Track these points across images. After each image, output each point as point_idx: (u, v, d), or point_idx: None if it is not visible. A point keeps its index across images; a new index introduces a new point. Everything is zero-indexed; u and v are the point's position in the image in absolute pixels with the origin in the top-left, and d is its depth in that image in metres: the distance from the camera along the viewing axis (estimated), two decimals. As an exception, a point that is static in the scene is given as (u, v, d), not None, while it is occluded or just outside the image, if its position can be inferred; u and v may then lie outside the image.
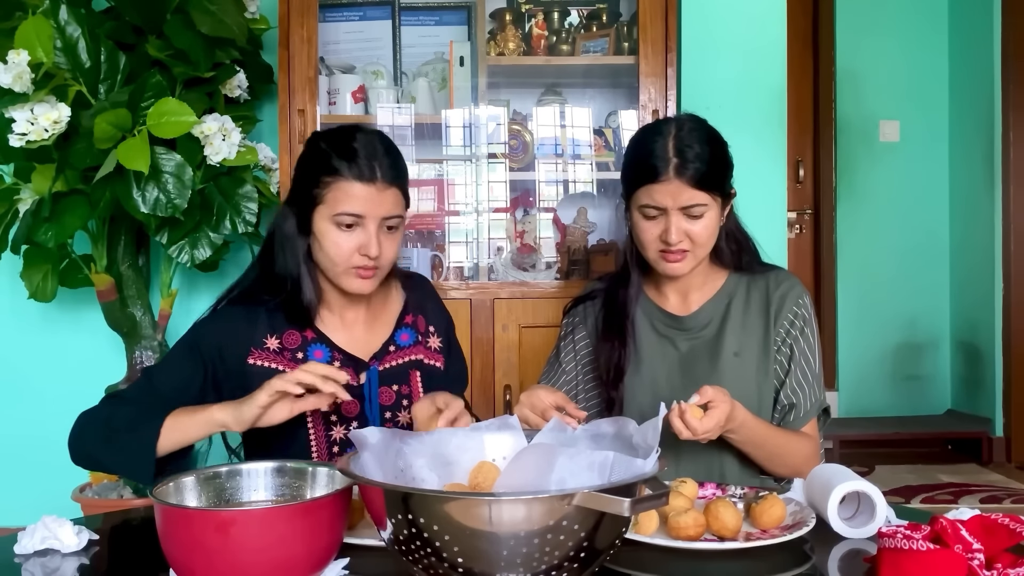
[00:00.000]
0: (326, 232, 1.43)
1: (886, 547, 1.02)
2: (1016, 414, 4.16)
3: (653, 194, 1.51)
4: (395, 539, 0.92)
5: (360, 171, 1.41)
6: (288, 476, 1.15)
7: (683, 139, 1.51)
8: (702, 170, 1.49)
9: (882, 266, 4.60)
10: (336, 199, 1.42)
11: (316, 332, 1.52)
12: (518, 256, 2.74)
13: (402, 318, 1.60)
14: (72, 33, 2.20)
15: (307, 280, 1.49)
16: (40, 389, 2.89)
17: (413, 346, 1.59)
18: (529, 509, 0.86)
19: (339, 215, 1.42)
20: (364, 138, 1.44)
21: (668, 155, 1.50)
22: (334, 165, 1.42)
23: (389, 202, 1.44)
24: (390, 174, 1.43)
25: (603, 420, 1.14)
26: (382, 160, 1.43)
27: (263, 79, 2.70)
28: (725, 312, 1.62)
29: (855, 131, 4.58)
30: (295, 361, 1.49)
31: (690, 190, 1.49)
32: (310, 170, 1.45)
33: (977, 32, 4.32)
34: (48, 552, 1.17)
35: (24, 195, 2.36)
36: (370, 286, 1.47)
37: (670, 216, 1.51)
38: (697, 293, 1.64)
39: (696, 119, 1.58)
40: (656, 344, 1.63)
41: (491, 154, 2.69)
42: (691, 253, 1.54)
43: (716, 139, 1.55)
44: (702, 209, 1.51)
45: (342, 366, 1.50)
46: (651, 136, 1.54)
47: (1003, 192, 4.20)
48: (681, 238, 1.52)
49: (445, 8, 2.87)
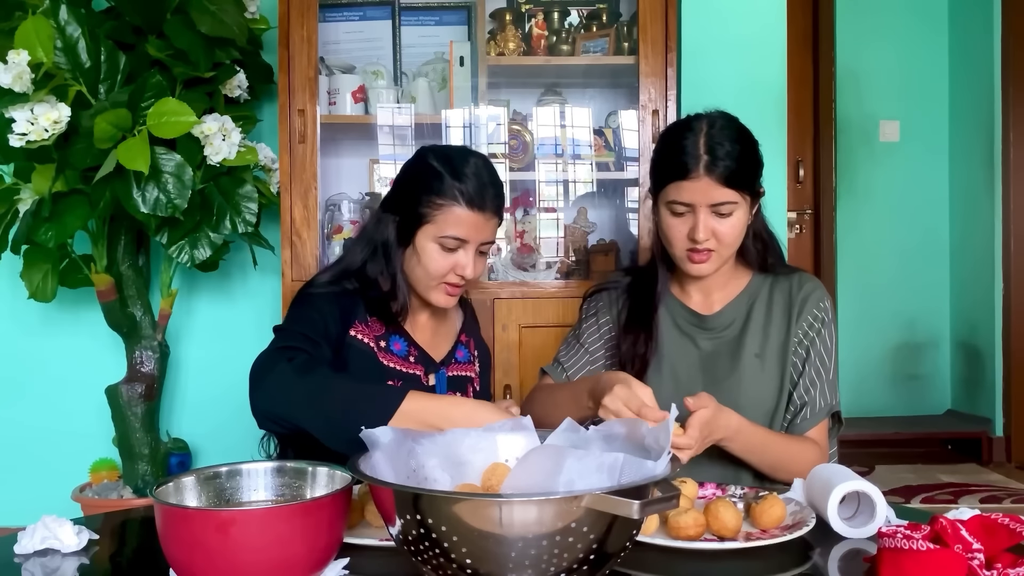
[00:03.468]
0: (427, 249, 1.50)
1: (886, 547, 1.02)
2: (1016, 414, 4.16)
3: (682, 191, 1.50)
4: (404, 539, 0.92)
5: (472, 199, 1.47)
6: (288, 476, 1.15)
7: (714, 136, 1.49)
8: (732, 168, 1.48)
9: (882, 266, 4.60)
10: (446, 222, 1.48)
11: (397, 324, 1.58)
12: (518, 256, 2.74)
13: (459, 335, 1.68)
14: (72, 33, 2.20)
15: (403, 287, 1.55)
16: (40, 389, 2.89)
17: (468, 363, 1.68)
18: (538, 511, 0.86)
19: (445, 238, 1.48)
20: (477, 164, 1.50)
21: (699, 152, 1.48)
22: (447, 189, 1.47)
23: (490, 230, 1.52)
24: (496, 203, 1.51)
25: (615, 421, 1.13)
26: (491, 189, 1.50)
27: (263, 79, 2.70)
28: (748, 313, 1.61)
29: (855, 131, 4.58)
30: (380, 349, 1.54)
31: (720, 188, 1.48)
32: (421, 187, 1.50)
33: (977, 32, 4.32)
34: (48, 552, 1.17)
35: (24, 195, 2.36)
36: (454, 301, 1.57)
37: (698, 214, 1.50)
38: (720, 292, 1.63)
39: (727, 116, 1.56)
40: (678, 341, 1.63)
41: (491, 154, 2.69)
42: (717, 253, 1.53)
43: (747, 137, 1.54)
44: (731, 207, 1.50)
45: (416, 362, 1.57)
46: (682, 132, 1.53)
47: (1003, 192, 4.20)
48: (708, 236, 1.51)
49: (445, 8, 2.87)
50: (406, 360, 1.57)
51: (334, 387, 1.33)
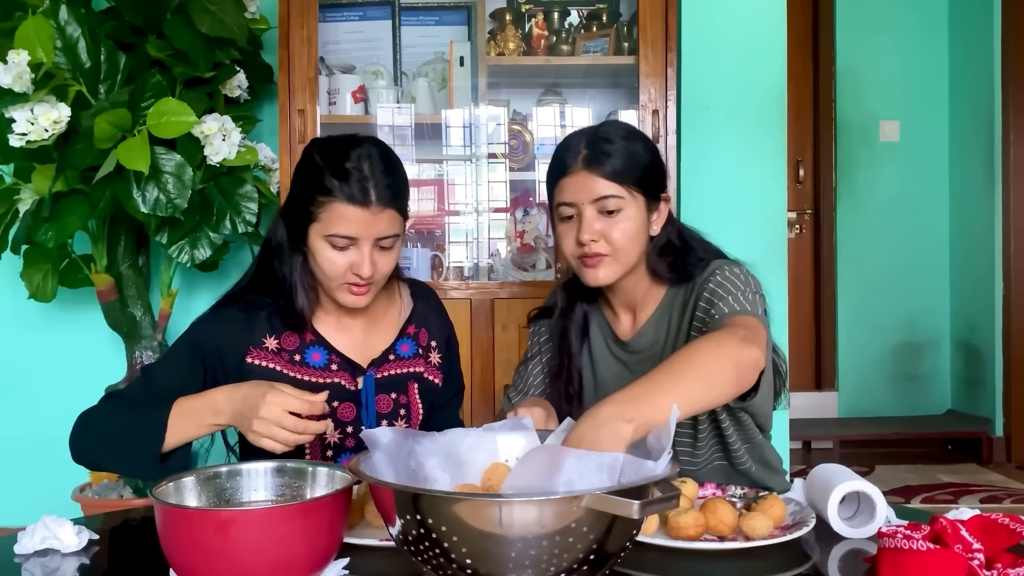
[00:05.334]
0: (319, 249, 1.41)
1: (886, 547, 1.02)
2: (1016, 414, 4.16)
3: (564, 190, 1.44)
4: (404, 539, 0.92)
5: (352, 194, 1.36)
6: (288, 476, 1.15)
7: (596, 133, 1.45)
8: (614, 162, 1.42)
9: (882, 266, 4.60)
10: (329, 219, 1.38)
11: (315, 334, 1.50)
12: (518, 256, 2.74)
13: (405, 328, 1.57)
14: (72, 33, 2.20)
15: (300, 289, 1.46)
16: (40, 389, 2.89)
17: (413, 358, 1.56)
18: (538, 511, 0.86)
19: (333, 236, 1.38)
20: (360, 156, 1.38)
21: (580, 148, 1.43)
22: (327, 185, 1.37)
23: (383, 224, 1.39)
24: (385, 196, 1.37)
25: None
26: (378, 181, 1.37)
27: (263, 79, 2.70)
28: (667, 328, 1.51)
29: (855, 131, 4.58)
30: (292, 363, 1.47)
31: (601, 181, 1.41)
32: (305, 185, 1.42)
33: (977, 32, 4.32)
34: (48, 552, 1.17)
35: (24, 195, 2.36)
36: (364, 301, 1.45)
37: (583, 212, 1.42)
38: (642, 312, 1.54)
39: (621, 122, 1.52)
40: (613, 366, 1.57)
41: (491, 154, 2.69)
42: (611, 257, 1.44)
43: (638, 137, 1.47)
44: (616, 203, 1.41)
45: (339, 369, 1.49)
46: (569, 136, 1.49)
47: (1003, 192, 4.20)
48: (595, 237, 1.42)
49: (445, 8, 2.87)
50: (326, 370, 1.48)
51: (112, 424, 1.39)
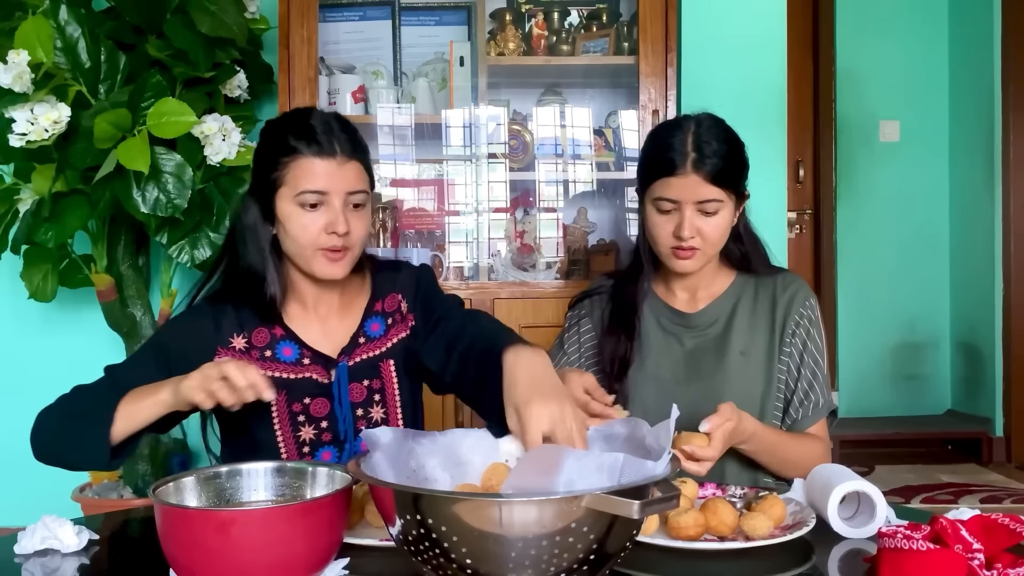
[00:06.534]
0: (291, 215, 1.40)
1: (886, 547, 1.02)
2: (1016, 414, 4.16)
3: (669, 188, 1.52)
4: (404, 539, 0.92)
5: (319, 146, 1.39)
6: (288, 476, 1.15)
7: (702, 135, 1.52)
8: (719, 166, 1.51)
9: (882, 266, 4.60)
10: (297, 178, 1.39)
11: (285, 329, 1.48)
12: (518, 256, 2.74)
13: (371, 306, 1.54)
14: (72, 33, 2.21)
15: (272, 272, 1.45)
16: (40, 389, 2.85)
17: (385, 335, 1.52)
18: (538, 511, 0.86)
19: (302, 194, 1.38)
20: (319, 116, 1.43)
21: (687, 149, 1.51)
22: (292, 144, 1.39)
23: (352, 175, 1.41)
24: (349, 147, 1.41)
25: (616, 421, 1.15)
26: (339, 135, 1.41)
27: (263, 79, 2.70)
28: (732, 311, 1.63)
29: (855, 131, 4.58)
30: (263, 360, 1.45)
31: (706, 185, 1.51)
32: (268, 155, 1.43)
33: (977, 32, 4.32)
34: (48, 552, 1.17)
35: (24, 195, 2.36)
36: (342, 269, 1.43)
37: (684, 211, 1.52)
38: (704, 292, 1.65)
39: (715, 118, 1.58)
40: (662, 340, 1.64)
41: (491, 154, 2.69)
42: (701, 251, 1.55)
43: (734, 138, 1.57)
44: (716, 206, 1.52)
45: (311, 363, 1.47)
46: (670, 131, 1.55)
47: (1003, 192, 4.20)
48: (693, 234, 1.52)
49: (445, 8, 2.87)
50: (298, 365, 1.46)
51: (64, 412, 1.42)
